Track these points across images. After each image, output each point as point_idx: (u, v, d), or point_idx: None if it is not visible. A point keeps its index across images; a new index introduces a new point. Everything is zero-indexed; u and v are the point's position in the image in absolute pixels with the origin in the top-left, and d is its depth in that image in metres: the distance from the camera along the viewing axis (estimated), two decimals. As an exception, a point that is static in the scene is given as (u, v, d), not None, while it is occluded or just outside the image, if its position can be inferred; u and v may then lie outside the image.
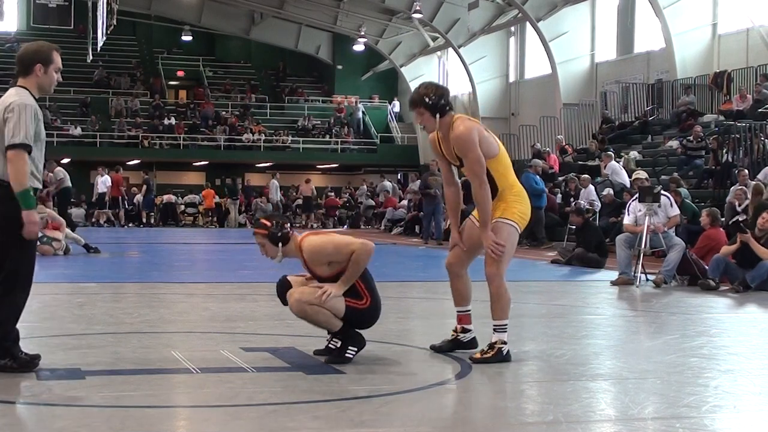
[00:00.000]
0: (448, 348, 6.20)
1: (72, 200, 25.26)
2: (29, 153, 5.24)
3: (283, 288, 5.89)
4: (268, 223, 5.80)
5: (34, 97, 5.43)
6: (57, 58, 5.57)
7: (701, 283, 11.36)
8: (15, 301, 5.34)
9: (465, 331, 6.22)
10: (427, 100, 5.89)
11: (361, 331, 5.85)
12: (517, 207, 5.94)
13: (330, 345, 5.88)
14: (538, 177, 19.73)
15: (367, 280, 5.83)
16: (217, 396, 4.89)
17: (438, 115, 5.88)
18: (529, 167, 20.18)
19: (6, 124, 5.27)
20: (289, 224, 5.84)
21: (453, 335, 6.25)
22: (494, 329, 5.93)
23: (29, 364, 5.38)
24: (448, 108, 5.92)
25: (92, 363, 5.64)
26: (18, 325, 5.42)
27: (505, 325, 5.94)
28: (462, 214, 6.22)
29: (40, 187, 5.52)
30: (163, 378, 5.38)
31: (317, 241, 5.80)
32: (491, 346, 5.91)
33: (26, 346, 5.81)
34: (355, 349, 5.78)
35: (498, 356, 5.86)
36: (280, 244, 5.75)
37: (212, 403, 4.78)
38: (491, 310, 5.94)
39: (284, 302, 5.87)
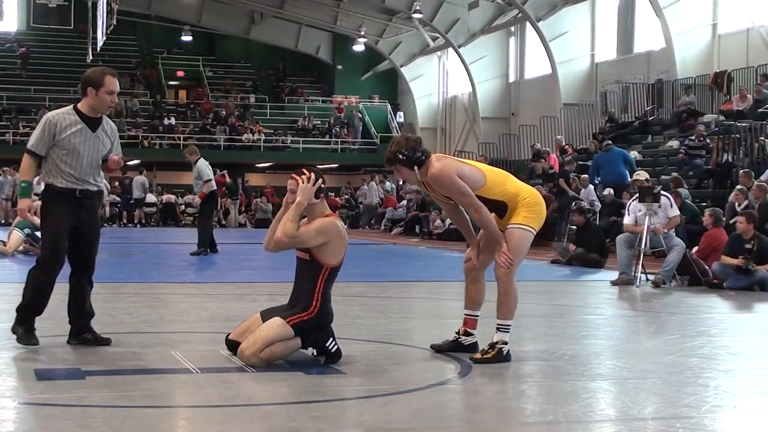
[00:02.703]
0: (448, 348, 6.21)
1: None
2: (33, 156, 6.08)
3: (233, 350, 5.79)
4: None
5: (86, 115, 6.03)
6: (109, 82, 6.19)
7: (707, 281, 11.47)
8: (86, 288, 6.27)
9: (468, 334, 6.22)
10: (401, 156, 5.92)
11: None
12: (526, 210, 5.97)
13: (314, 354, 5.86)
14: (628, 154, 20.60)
15: (326, 288, 5.78)
16: (217, 396, 4.89)
17: (416, 167, 5.92)
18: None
19: None
20: None
21: (455, 336, 6.25)
22: (497, 328, 5.94)
23: (106, 340, 6.22)
24: (423, 157, 5.94)
25: (92, 363, 5.64)
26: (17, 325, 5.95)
27: (509, 325, 5.95)
28: (476, 229, 6.28)
29: (77, 188, 6.11)
30: (163, 378, 5.38)
31: (327, 224, 6.05)
32: (492, 345, 5.92)
33: (26, 346, 5.82)
34: (330, 338, 5.74)
35: (498, 356, 5.86)
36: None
37: (212, 403, 4.78)
38: (497, 309, 5.96)
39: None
